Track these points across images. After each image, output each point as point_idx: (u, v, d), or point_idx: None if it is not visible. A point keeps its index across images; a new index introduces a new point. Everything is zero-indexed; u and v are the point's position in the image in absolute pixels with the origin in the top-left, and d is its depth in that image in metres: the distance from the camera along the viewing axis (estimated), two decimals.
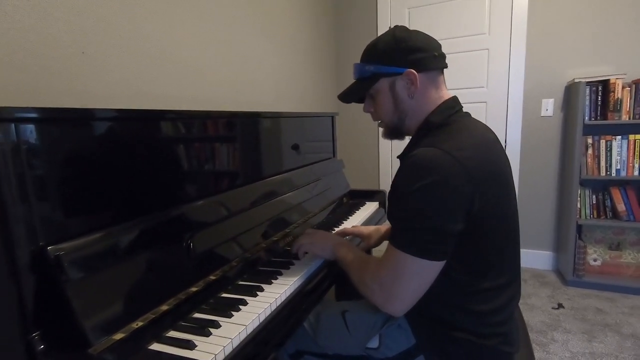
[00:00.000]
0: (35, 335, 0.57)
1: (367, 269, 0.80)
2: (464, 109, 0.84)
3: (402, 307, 0.74)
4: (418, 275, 0.71)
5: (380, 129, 0.91)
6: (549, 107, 2.28)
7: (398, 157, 0.84)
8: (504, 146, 2.39)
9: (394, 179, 0.76)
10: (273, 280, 0.90)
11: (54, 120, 0.63)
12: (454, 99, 0.83)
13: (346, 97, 0.88)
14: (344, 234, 1.19)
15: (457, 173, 0.66)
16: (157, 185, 0.83)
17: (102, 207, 0.70)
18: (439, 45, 0.83)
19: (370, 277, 0.78)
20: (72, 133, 0.66)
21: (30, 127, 0.59)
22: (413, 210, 0.69)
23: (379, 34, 2.57)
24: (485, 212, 0.69)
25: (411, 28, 0.85)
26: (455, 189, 0.66)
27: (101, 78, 1.05)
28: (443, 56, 0.83)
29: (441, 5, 2.40)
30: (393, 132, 0.88)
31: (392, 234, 0.74)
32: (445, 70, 0.85)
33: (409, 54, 0.78)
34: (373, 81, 0.82)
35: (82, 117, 0.69)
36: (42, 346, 0.57)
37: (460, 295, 0.75)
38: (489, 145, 0.76)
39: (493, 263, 0.75)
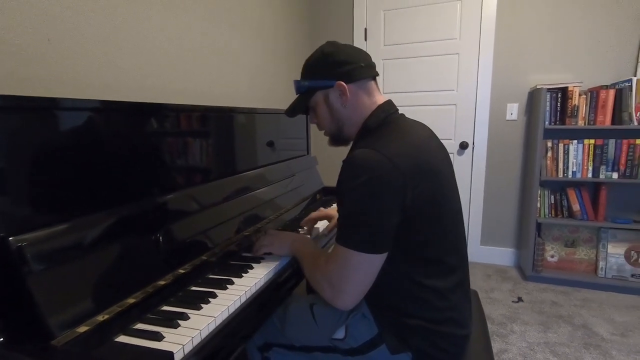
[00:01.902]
0: None
1: (317, 266, 0.85)
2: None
3: (349, 301, 0.78)
4: (361, 269, 0.75)
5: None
6: (513, 111, 2.39)
7: (343, 160, 0.88)
8: (453, 147, 2.49)
9: (337, 179, 0.80)
10: (244, 274, 0.91)
11: (17, 108, 0.62)
12: (389, 103, 0.88)
13: (291, 111, 0.95)
14: (311, 219, 1.23)
15: (389, 170, 0.71)
16: (127, 178, 0.82)
17: (69, 199, 0.69)
18: (367, 56, 0.89)
19: (320, 273, 0.82)
20: (37, 122, 0.65)
21: None
22: (352, 208, 0.74)
23: (355, 35, 2.64)
24: (420, 203, 0.74)
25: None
26: (388, 184, 0.71)
27: (68, 67, 1.01)
28: (371, 65, 0.88)
29: (415, 9, 2.47)
30: (336, 139, 0.95)
31: (337, 231, 0.78)
32: (377, 77, 0.91)
33: (337, 67, 0.84)
34: (310, 95, 0.90)
35: (46, 106, 0.67)
36: (1, 338, 0.56)
37: (408, 284, 0.80)
38: (420, 142, 0.81)
39: (434, 251, 0.79)
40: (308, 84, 0.89)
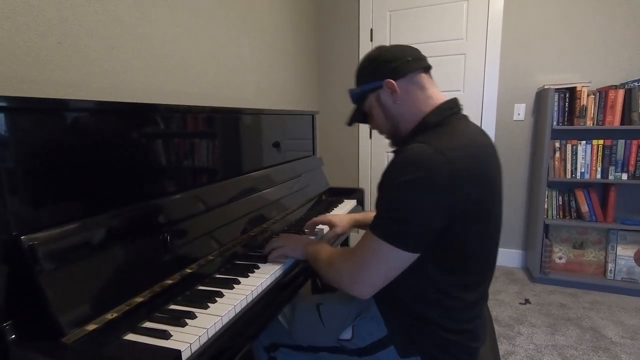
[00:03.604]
0: (6, 325, 0.57)
1: (337, 255, 0.84)
2: None
3: (367, 291, 0.77)
4: (388, 262, 0.74)
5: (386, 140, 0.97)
6: (520, 111, 2.38)
7: (393, 152, 0.88)
8: None
9: (384, 171, 0.78)
10: (250, 274, 0.91)
11: (28, 110, 0.63)
12: (454, 101, 0.85)
13: (350, 120, 0.98)
14: (313, 223, 1.22)
15: (443, 172, 0.68)
16: (136, 178, 0.83)
17: (79, 199, 0.70)
18: (415, 51, 0.87)
19: (341, 260, 0.81)
20: (48, 123, 0.66)
21: (3, 116, 0.59)
22: (394, 202, 0.73)
23: (361, 36, 2.64)
24: (467, 214, 0.71)
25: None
26: (438, 187, 0.69)
27: (78, 69, 1.03)
28: (420, 58, 0.86)
29: (422, 9, 2.46)
30: (394, 140, 0.92)
31: (373, 221, 0.76)
32: (429, 69, 0.88)
33: (383, 66, 0.85)
34: (363, 100, 0.90)
35: (57, 108, 0.68)
36: (13, 336, 0.57)
37: (432, 290, 0.78)
38: (480, 148, 0.77)
39: (469, 263, 0.77)
40: (360, 89, 0.90)
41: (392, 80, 0.83)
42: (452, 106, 0.84)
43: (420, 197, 0.70)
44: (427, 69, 0.87)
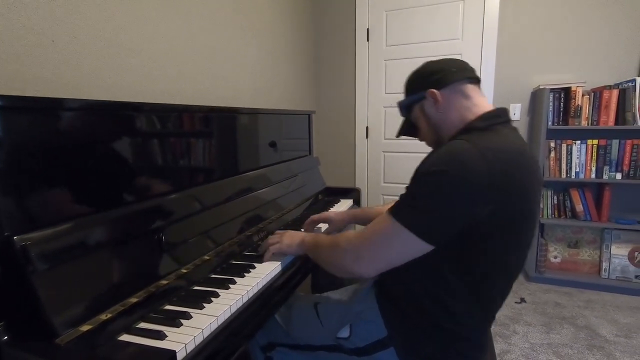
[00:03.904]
0: None
1: (343, 236, 0.84)
2: None
3: (368, 269, 0.76)
4: (399, 246, 0.72)
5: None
6: (516, 111, 2.39)
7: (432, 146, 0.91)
8: None
9: (421, 161, 0.77)
10: (246, 274, 0.91)
11: (21, 108, 0.62)
12: (502, 110, 0.83)
13: (399, 132, 1.01)
14: (312, 222, 1.22)
15: (479, 171, 0.66)
16: (131, 178, 0.82)
17: (73, 199, 0.69)
18: (462, 63, 0.87)
19: (347, 240, 0.81)
20: (42, 122, 0.65)
21: None
22: (422, 190, 0.71)
23: (358, 35, 2.64)
24: (496, 220, 0.69)
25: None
26: (469, 185, 0.66)
27: (72, 68, 1.02)
28: (465, 69, 0.86)
29: (418, 9, 2.46)
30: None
31: (393, 205, 0.75)
32: (476, 80, 0.86)
33: (427, 78, 0.87)
34: (410, 111, 0.93)
35: (51, 107, 0.68)
36: (6, 337, 0.56)
37: (446, 294, 0.77)
38: (523, 158, 0.74)
39: (489, 273, 0.76)
40: (407, 101, 0.92)
41: (434, 90, 0.84)
42: (500, 114, 0.82)
43: (451, 190, 0.67)
44: (472, 79, 0.85)
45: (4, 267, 0.58)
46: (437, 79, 0.85)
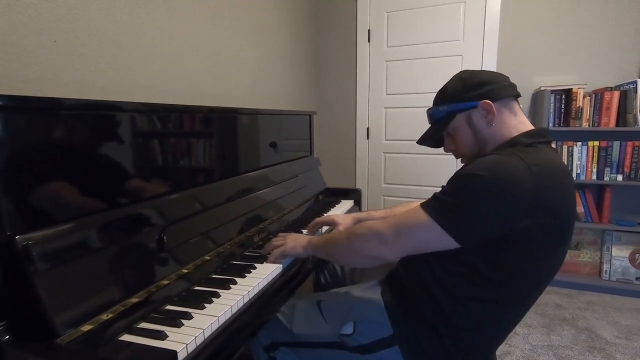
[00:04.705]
0: (0, 326, 0.56)
1: (362, 225, 0.85)
2: None
3: (393, 251, 0.78)
4: (426, 236, 0.74)
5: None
6: None
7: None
8: None
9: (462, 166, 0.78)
10: (246, 274, 0.91)
11: (23, 108, 0.63)
12: (546, 130, 0.85)
13: (425, 140, 0.94)
14: (316, 224, 1.21)
15: (525, 185, 0.67)
16: (131, 178, 0.82)
17: (74, 198, 0.69)
18: (507, 78, 0.86)
19: (367, 227, 0.83)
20: (43, 122, 0.65)
21: None
22: (462, 191, 0.72)
23: (359, 36, 2.64)
24: (533, 235, 0.70)
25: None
26: (513, 196, 0.67)
27: (74, 68, 1.02)
28: (513, 86, 0.85)
29: (419, 10, 2.47)
30: None
31: (426, 201, 0.77)
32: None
33: (479, 88, 0.82)
34: (449, 120, 0.86)
35: (52, 107, 0.68)
36: (7, 336, 0.56)
37: (477, 300, 0.77)
38: (565, 177, 0.75)
39: (515, 283, 0.76)
40: (447, 108, 0.86)
41: (489, 102, 0.80)
42: (545, 134, 0.82)
43: (493, 198, 0.68)
44: (518, 96, 0.86)
45: (6, 266, 0.58)
46: (489, 91, 0.81)
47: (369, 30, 2.61)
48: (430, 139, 0.93)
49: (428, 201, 0.76)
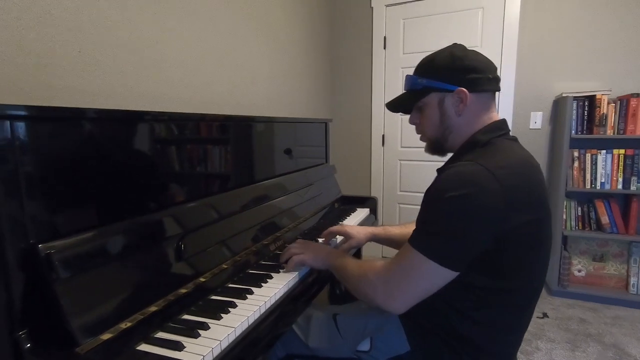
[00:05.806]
0: (22, 334, 0.57)
1: (371, 267, 0.80)
2: None
3: (402, 306, 0.75)
4: (427, 279, 0.72)
5: (421, 143, 0.93)
6: (537, 120, 2.33)
7: (437, 170, 0.83)
8: None
9: (428, 187, 0.76)
10: (263, 284, 0.90)
11: (47, 118, 0.64)
12: (503, 122, 0.83)
13: (394, 106, 0.90)
14: (330, 233, 1.19)
15: (494, 191, 0.67)
16: (150, 187, 0.83)
17: (94, 207, 0.70)
18: (495, 68, 0.83)
19: (375, 273, 0.78)
20: (66, 132, 0.66)
21: (24, 125, 0.59)
22: (440, 217, 0.70)
23: (374, 43, 2.63)
24: (519, 236, 0.70)
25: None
26: (487, 206, 0.67)
27: (97, 77, 1.05)
28: (497, 79, 0.82)
29: (436, 17, 2.45)
30: (435, 147, 0.89)
31: (413, 234, 0.74)
32: (498, 92, 0.85)
33: (464, 73, 0.79)
34: (423, 94, 0.83)
35: (76, 116, 0.69)
36: (28, 344, 0.57)
37: (482, 309, 0.75)
38: (530, 170, 0.75)
39: (516, 282, 0.75)
40: (426, 82, 0.82)
41: (466, 91, 0.78)
42: (502, 126, 0.81)
43: (467, 215, 0.67)
44: (497, 91, 0.83)
45: (28, 274, 0.58)
46: (472, 80, 0.78)
47: (384, 37, 2.60)
48: (400, 107, 0.90)
49: (416, 238, 0.73)
